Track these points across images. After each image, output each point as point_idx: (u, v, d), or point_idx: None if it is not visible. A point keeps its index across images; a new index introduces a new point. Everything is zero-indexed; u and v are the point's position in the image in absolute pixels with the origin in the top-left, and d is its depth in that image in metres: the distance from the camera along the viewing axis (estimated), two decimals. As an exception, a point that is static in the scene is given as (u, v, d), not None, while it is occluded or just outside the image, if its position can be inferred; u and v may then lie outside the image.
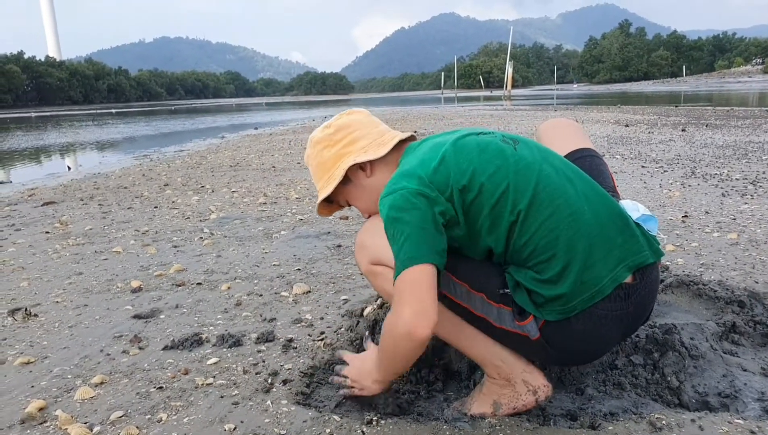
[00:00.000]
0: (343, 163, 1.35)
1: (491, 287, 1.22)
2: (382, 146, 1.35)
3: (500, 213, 1.17)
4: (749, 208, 3.41)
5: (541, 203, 1.16)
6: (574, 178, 1.22)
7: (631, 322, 1.22)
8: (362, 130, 1.38)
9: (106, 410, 1.46)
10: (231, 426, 1.35)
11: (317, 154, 1.39)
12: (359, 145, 1.36)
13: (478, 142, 1.24)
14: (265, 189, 5.02)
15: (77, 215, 4.17)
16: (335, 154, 1.36)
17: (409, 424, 1.31)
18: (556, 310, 1.17)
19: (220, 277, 2.56)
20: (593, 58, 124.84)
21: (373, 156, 1.33)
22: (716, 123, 9.78)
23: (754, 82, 57.84)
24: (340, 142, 1.36)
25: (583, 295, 1.15)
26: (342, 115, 1.41)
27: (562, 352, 1.23)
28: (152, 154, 9.35)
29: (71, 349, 1.86)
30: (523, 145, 1.26)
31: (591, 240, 1.15)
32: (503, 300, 1.22)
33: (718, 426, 1.23)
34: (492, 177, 1.17)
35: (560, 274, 1.15)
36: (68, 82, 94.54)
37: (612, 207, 1.21)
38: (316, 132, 1.41)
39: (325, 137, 1.38)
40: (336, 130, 1.38)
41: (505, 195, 1.17)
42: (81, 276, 2.66)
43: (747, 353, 1.59)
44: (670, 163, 5.35)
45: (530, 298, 1.19)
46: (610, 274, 1.15)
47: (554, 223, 1.15)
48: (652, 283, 1.22)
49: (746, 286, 2.03)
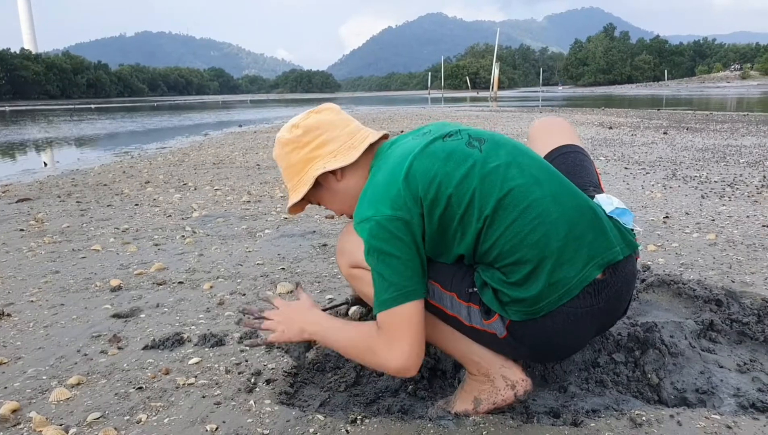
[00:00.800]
0: (312, 170, 1.30)
1: (461, 287, 1.23)
2: (352, 150, 1.30)
3: (469, 221, 1.16)
4: (727, 209, 3.47)
5: (506, 208, 1.15)
6: (543, 179, 1.19)
7: (605, 317, 1.22)
8: (331, 132, 1.32)
9: (82, 411, 1.43)
10: (213, 426, 1.33)
11: (285, 156, 1.34)
12: (328, 149, 1.30)
13: (443, 148, 1.21)
14: (249, 187, 4.98)
15: (54, 212, 4.09)
16: (304, 158, 1.31)
17: (394, 422, 1.30)
18: (521, 311, 1.17)
19: (202, 276, 2.53)
20: (578, 60, 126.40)
21: (343, 163, 1.28)
22: (696, 127, 9.96)
23: (732, 87, 59.08)
24: (308, 145, 1.31)
25: (551, 297, 1.14)
26: (310, 114, 1.34)
27: (532, 348, 1.24)
28: (133, 151, 9.21)
29: (46, 349, 1.82)
30: (490, 146, 1.22)
31: (558, 242, 1.13)
32: (472, 299, 1.23)
33: (696, 421, 1.25)
34: (459, 186, 1.16)
35: (526, 277, 1.14)
36: (45, 76, 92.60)
37: (582, 204, 1.20)
38: (284, 131, 1.34)
39: (292, 139, 1.32)
40: (304, 132, 1.31)
41: (472, 203, 1.15)
42: (57, 275, 2.61)
43: (724, 350, 1.62)
44: (652, 165, 5.43)
45: (496, 297, 1.19)
46: (578, 275, 1.14)
47: (519, 227, 1.14)
48: (626, 276, 1.21)
49: (723, 285, 2.07)
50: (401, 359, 1.15)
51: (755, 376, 1.46)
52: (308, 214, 3.76)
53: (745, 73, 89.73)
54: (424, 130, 1.33)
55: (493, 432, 1.24)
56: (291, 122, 1.34)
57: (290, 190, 1.35)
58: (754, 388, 1.41)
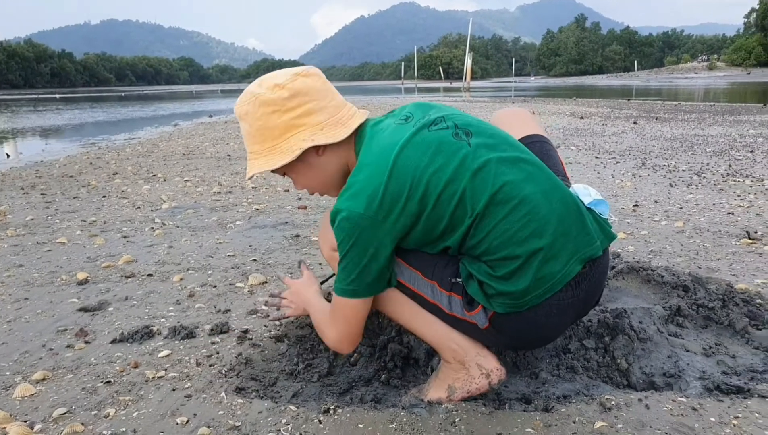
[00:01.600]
0: (296, 139, 1.21)
1: (444, 276, 1.23)
2: (339, 126, 1.23)
3: (460, 218, 1.15)
4: (694, 197, 3.56)
5: (497, 203, 1.14)
6: (533, 172, 1.19)
7: (582, 306, 1.25)
8: (320, 100, 1.22)
9: (48, 407, 1.38)
10: (183, 419, 1.31)
11: (262, 116, 1.21)
12: (315, 120, 1.21)
13: (430, 140, 1.17)
14: (220, 178, 4.89)
15: (17, 205, 3.95)
16: (286, 124, 1.20)
17: (366, 411, 1.30)
18: (506, 304, 1.17)
19: (172, 268, 2.48)
20: (550, 51, 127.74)
21: (332, 139, 1.21)
22: (665, 117, 10.19)
23: (699, 78, 60.57)
24: (293, 111, 1.20)
25: (537, 291, 1.15)
26: (298, 76, 1.22)
27: (513, 339, 1.25)
28: (100, 142, 8.96)
29: (9, 344, 1.76)
30: (478, 139, 1.20)
31: (548, 238, 1.14)
32: (454, 289, 1.23)
33: (663, 404, 1.28)
34: (448, 185, 1.13)
35: (513, 272, 1.14)
36: (6, 65, 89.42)
37: (568, 199, 1.20)
38: (264, 88, 1.21)
39: (275, 100, 1.20)
40: (291, 95, 1.20)
41: (462, 201, 1.14)
42: (21, 268, 2.52)
43: (690, 335, 1.66)
44: (622, 155, 5.54)
45: (481, 289, 1.19)
46: (563, 269, 1.15)
47: (509, 224, 1.13)
48: (602, 267, 1.24)
49: (690, 272, 2.12)
50: (334, 341, 1.30)
51: (720, 359, 1.51)
52: (280, 205, 3.72)
53: (712, 64, 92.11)
54: (404, 113, 1.28)
55: (465, 419, 1.25)
56: (273, 80, 1.22)
57: (257, 152, 1.24)
58: (719, 371, 1.45)
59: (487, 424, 1.23)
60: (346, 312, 1.24)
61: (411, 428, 1.23)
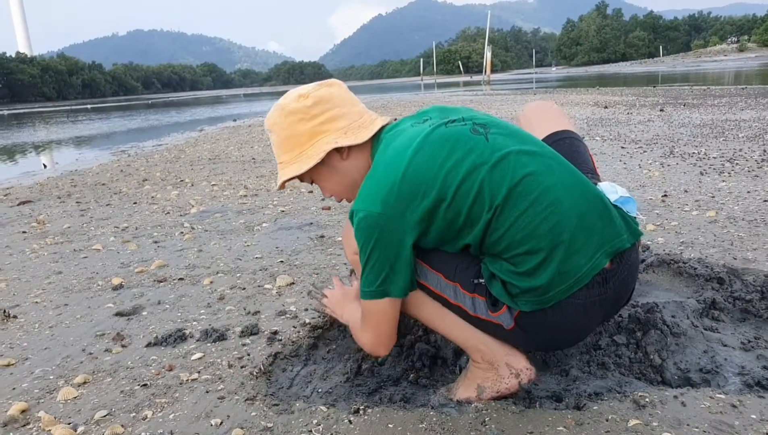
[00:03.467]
0: (321, 143, 1.26)
1: (466, 277, 1.23)
2: (363, 130, 1.27)
3: (479, 212, 1.14)
4: (727, 185, 3.46)
5: (517, 196, 1.12)
6: (553, 165, 1.17)
7: (611, 306, 1.23)
8: (342, 107, 1.28)
9: (89, 410, 1.43)
10: (217, 421, 1.34)
11: (289, 126, 1.27)
12: (339, 125, 1.26)
13: (448, 136, 1.17)
14: (246, 181, 4.96)
15: (55, 214, 4.09)
16: (311, 130, 1.26)
17: (396, 411, 1.31)
18: (531, 301, 1.16)
19: (202, 272, 2.53)
20: (571, 40, 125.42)
21: (354, 141, 1.25)
22: (693, 102, 9.91)
23: (729, 60, 58.70)
24: (317, 118, 1.26)
25: (561, 286, 1.14)
26: (321, 86, 1.29)
27: (539, 338, 1.24)
28: (130, 150, 9.18)
29: (52, 349, 1.82)
30: (495, 132, 1.19)
31: (570, 231, 1.12)
32: (477, 290, 1.22)
33: (700, 401, 1.25)
34: (467, 177, 1.13)
35: (537, 267, 1.13)
36: (41, 79, 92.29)
37: (591, 192, 1.19)
38: (290, 99, 1.28)
39: (301, 108, 1.26)
40: (314, 102, 1.26)
41: (481, 193, 1.13)
42: (60, 275, 2.61)
43: (727, 329, 1.62)
44: (649, 144, 5.41)
45: (505, 289, 1.18)
46: (588, 263, 1.13)
47: (530, 217, 1.12)
48: (631, 265, 1.21)
49: (725, 263, 2.06)
50: (369, 344, 1.30)
51: (760, 353, 1.46)
52: (305, 207, 3.75)
53: (742, 45, 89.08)
54: (424, 116, 1.29)
55: (495, 418, 1.25)
56: (297, 92, 1.29)
57: (286, 161, 1.30)
58: (759, 366, 1.41)
59: (518, 423, 1.23)
60: (376, 315, 1.24)
61: (441, 428, 1.23)
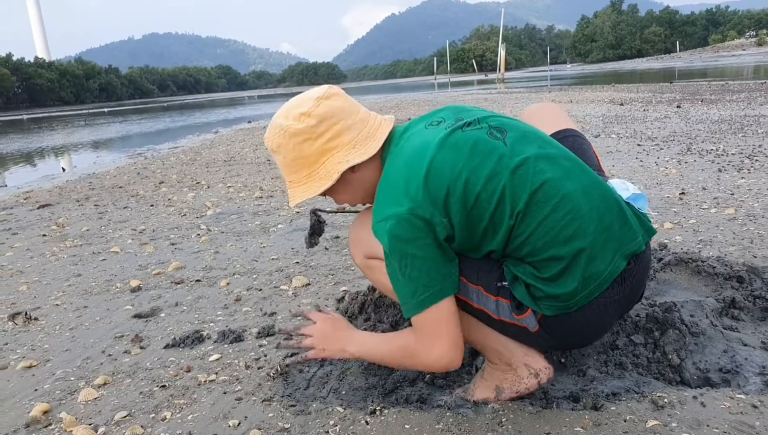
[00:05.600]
0: (331, 163, 1.22)
1: (489, 280, 1.22)
2: (370, 140, 1.23)
3: (500, 218, 1.12)
4: (746, 182, 3.40)
5: (538, 202, 1.11)
6: (572, 169, 1.16)
7: (627, 303, 1.23)
8: (347, 119, 1.22)
9: (110, 411, 1.46)
10: (235, 422, 1.35)
11: (294, 148, 1.22)
12: (346, 139, 1.22)
13: (465, 140, 1.15)
14: (261, 183, 5.00)
15: (74, 217, 4.16)
16: (319, 150, 1.21)
17: (413, 412, 1.31)
18: (555, 306, 1.16)
19: (218, 273, 2.56)
20: (586, 37, 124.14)
21: (365, 156, 1.21)
22: (711, 98, 9.75)
23: (748, 55, 57.61)
24: (323, 136, 1.21)
25: (585, 292, 1.14)
26: (320, 101, 1.22)
27: (562, 339, 1.23)
28: (146, 152, 9.30)
29: (73, 351, 1.86)
30: (513, 136, 1.18)
31: (590, 236, 1.12)
32: (501, 293, 1.21)
33: (720, 401, 1.24)
34: (487, 183, 1.11)
35: (561, 273, 1.13)
36: (59, 83, 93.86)
37: (608, 195, 1.18)
38: (291, 119, 1.21)
39: (305, 129, 1.20)
40: (318, 121, 1.20)
41: (503, 200, 1.11)
42: (80, 277, 2.66)
43: (747, 328, 1.59)
44: (665, 141, 5.34)
45: (528, 292, 1.17)
46: (609, 268, 1.13)
47: (552, 223, 1.11)
48: (645, 262, 1.22)
49: (745, 261, 2.03)
50: (445, 357, 1.16)
51: (780, 352, 1.44)
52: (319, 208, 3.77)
53: (761, 39, 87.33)
54: (437, 117, 1.27)
55: (512, 419, 1.25)
56: (297, 109, 1.22)
57: (296, 181, 1.26)
58: (779, 365, 1.39)
59: (535, 424, 1.22)
60: (438, 321, 1.15)
61: (458, 428, 1.23)
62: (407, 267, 1.11)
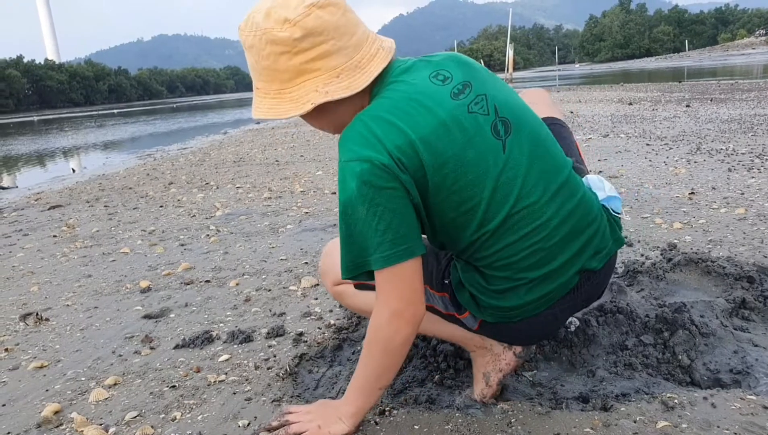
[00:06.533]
0: (307, 88, 1.03)
1: (437, 277, 1.22)
2: (358, 72, 1.04)
3: (464, 224, 1.06)
4: (756, 182, 3.37)
5: (512, 226, 1.06)
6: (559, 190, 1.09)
7: (581, 304, 1.24)
8: (337, 40, 1.02)
9: (120, 411, 1.47)
10: (245, 422, 1.36)
11: (269, 56, 1.03)
12: (331, 63, 1.02)
13: (466, 127, 1.04)
14: (270, 183, 5.02)
15: (84, 218, 4.20)
16: (297, 68, 1.02)
17: (422, 413, 1.31)
18: (498, 315, 1.16)
19: (228, 274, 2.57)
20: (594, 36, 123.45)
21: (349, 91, 1.03)
22: (721, 97, 9.67)
23: (758, 54, 57.04)
24: (305, 53, 1.01)
25: (531, 306, 1.14)
26: (312, 9, 1.01)
27: (506, 339, 1.26)
28: (155, 153, 9.36)
29: (84, 351, 1.88)
30: (514, 139, 1.08)
31: (552, 266, 1.09)
32: (444, 289, 1.22)
33: (731, 402, 1.23)
34: (470, 187, 1.03)
35: (509, 289, 1.11)
36: (69, 85, 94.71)
37: (587, 212, 1.13)
38: (271, 23, 1.01)
39: (286, 40, 1.00)
40: (303, 35, 1.00)
41: (475, 209, 1.04)
42: (90, 278, 2.68)
43: (758, 328, 1.58)
44: (675, 140, 5.30)
45: (473, 300, 1.17)
46: (561, 281, 1.12)
47: (516, 250, 1.07)
48: (607, 269, 1.20)
49: (755, 261, 2.02)
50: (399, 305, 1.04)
51: (791, 353, 1.43)
52: (328, 208, 3.78)
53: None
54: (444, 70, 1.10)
55: (521, 419, 1.25)
56: (282, 11, 1.01)
57: (263, 90, 1.08)
58: (791, 366, 1.38)
59: (544, 424, 1.22)
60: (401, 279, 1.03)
61: (467, 429, 1.23)
62: (375, 216, 0.99)
